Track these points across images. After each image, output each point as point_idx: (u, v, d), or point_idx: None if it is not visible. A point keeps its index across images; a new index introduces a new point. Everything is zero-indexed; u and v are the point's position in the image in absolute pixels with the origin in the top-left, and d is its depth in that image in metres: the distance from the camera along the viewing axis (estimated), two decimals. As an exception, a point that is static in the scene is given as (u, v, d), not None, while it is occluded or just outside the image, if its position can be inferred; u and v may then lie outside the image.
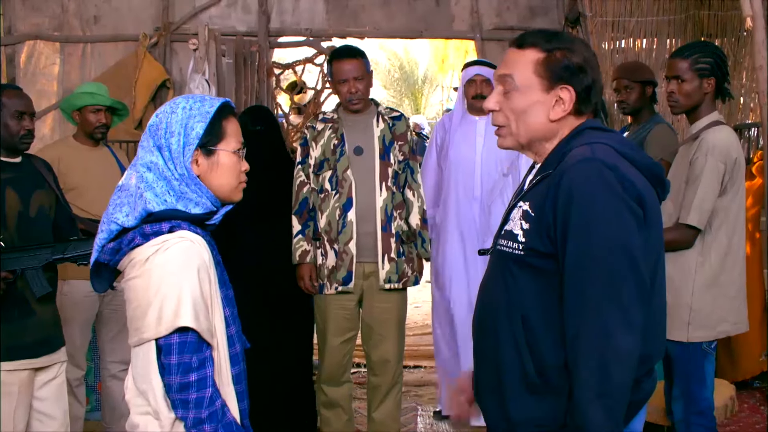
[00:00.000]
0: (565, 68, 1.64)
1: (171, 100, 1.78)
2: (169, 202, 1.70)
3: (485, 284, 1.76)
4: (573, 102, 1.65)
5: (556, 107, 1.65)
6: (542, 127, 1.67)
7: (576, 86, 1.64)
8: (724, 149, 2.76)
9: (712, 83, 2.85)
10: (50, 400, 2.85)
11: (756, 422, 4.11)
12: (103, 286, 1.82)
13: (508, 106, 1.68)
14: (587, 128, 1.66)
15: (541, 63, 1.64)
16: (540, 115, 1.66)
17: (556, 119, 1.66)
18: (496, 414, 1.69)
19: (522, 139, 1.69)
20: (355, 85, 3.43)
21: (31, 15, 5.53)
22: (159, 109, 1.77)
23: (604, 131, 1.67)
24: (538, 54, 1.65)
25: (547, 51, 1.65)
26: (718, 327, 2.82)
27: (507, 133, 1.71)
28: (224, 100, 1.79)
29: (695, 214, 2.75)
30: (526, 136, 1.68)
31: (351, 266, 3.41)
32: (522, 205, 1.65)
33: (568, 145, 1.64)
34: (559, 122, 1.66)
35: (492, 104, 1.70)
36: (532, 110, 1.66)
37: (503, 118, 1.70)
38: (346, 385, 3.60)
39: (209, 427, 1.63)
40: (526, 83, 1.65)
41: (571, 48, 1.65)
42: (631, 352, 1.51)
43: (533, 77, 1.65)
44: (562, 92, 1.64)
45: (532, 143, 1.70)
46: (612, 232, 1.52)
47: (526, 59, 1.66)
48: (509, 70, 1.68)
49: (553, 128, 1.67)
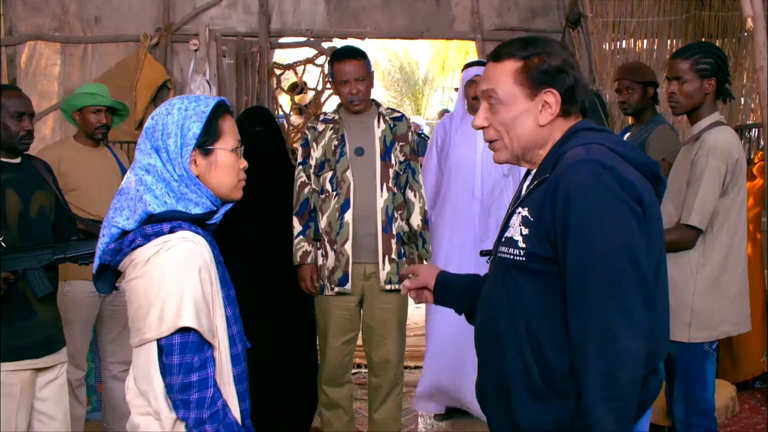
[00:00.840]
0: (545, 72, 1.64)
1: (166, 102, 1.78)
2: (169, 203, 1.70)
3: (487, 291, 1.76)
4: (559, 104, 1.66)
5: (544, 112, 1.66)
6: (533, 133, 1.68)
7: (559, 87, 1.65)
8: (725, 150, 2.75)
9: (713, 84, 2.85)
10: (51, 400, 2.86)
11: (756, 423, 4.11)
12: (106, 288, 1.82)
13: (497, 120, 1.69)
14: (580, 129, 1.67)
15: (520, 72, 1.65)
16: (529, 123, 1.67)
17: (546, 123, 1.66)
18: (500, 419, 1.69)
19: (516, 150, 1.70)
20: (356, 85, 3.43)
21: (32, 15, 5.53)
22: (155, 111, 1.76)
23: (598, 131, 1.67)
24: (515, 63, 1.66)
25: (524, 59, 1.66)
26: (720, 327, 2.82)
27: (501, 146, 1.72)
28: (219, 99, 1.79)
29: (696, 214, 2.74)
30: (519, 146, 1.69)
31: (347, 267, 3.41)
32: (521, 211, 1.65)
33: (562, 148, 1.64)
34: (549, 126, 1.67)
35: (480, 121, 1.72)
36: (520, 120, 1.67)
37: (494, 132, 1.71)
38: (346, 385, 3.59)
39: (211, 427, 1.63)
40: (509, 94, 1.66)
41: (547, 51, 1.66)
42: (638, 354, 1.51)
43: (515, 87, 1.66)
44: (547, 96, 1.65)
45: (526, 152, 1.70)
46: (612, 233, 1.52)
47: (505, 71, 1.67)
48: (490, 84, 1.69)
49: (544, 133, 1.67)
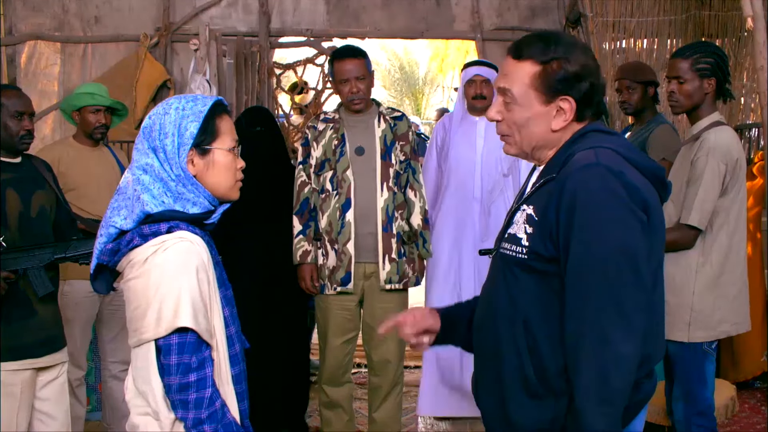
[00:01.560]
0: (562, 80, 1.63)
1: (163, 101, 1.77)
2: (167, 203, 1.70)
3: (487, 287, 1.76)
4: (573, 110, 1.65)
5: (558, 118, 1.66)
6: (545, 136, 1.68)
7: (575, 95, 1.64)
8: (725, 150, 2.75)
9: (713, 83, 2.85)
10: (52, 400, 2.86)
11: (756, 422, 4.10)
12: (104, 288, 1.82)
13: (510, 117, 1.69)
14: (590, 131, 1.66)
15: (537, 77, 1.64)
16: (541, 126, 1.67)
17: (559, 129, 1.66)
18: (495, 416, 1.70)
19: (526, 148, 1.71)
20: (356, 84, 3.42)
21: (32, 15, 5.52)
22: (152, 110, 1.76)
23: (608, 134, 1.67)
24: (534, 67, 1.64)
25: (544, 63, 1.64)
26: (719, 327, 2.82)
27: (512, 141, 1.72)
28: (217, 98, 1.79)
29: (696, 214, 2.74)
30: (530, 145, 1.70)
31: (350, 267, 3.41)
32: (526, 209, 1.65)
33: (571, 149, 1.64)
34: (562, 131, 1.67)
35: (494, 114, 1.72)
36: (533, 122, 1.67)
37: (506, 127, 1.71)
38: (347, 385, 3.59)
39: (209, 427, 1.63)
40: (525, 98, 1.66)
41: (568, 57, 1.64)
42: (631, 359, 1.51)
43: (531, 92, 1.65)
44: (563, 103, 1.65)
45: (535, 151, 1.71)
46: (615, 238, 1.52)
47: (523, 73, 1.65)
48: (507, 83, 1.68)
49: (556, 137, 1.68)
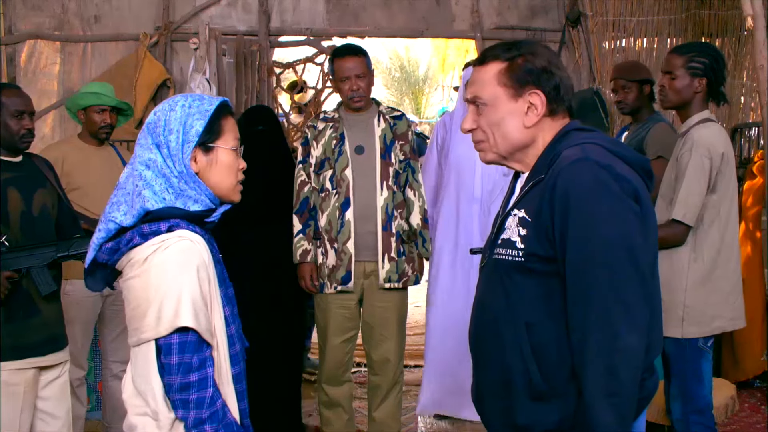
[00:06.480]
0: (529, 72, 1.65)
1: (169, 98, 1.79)
2: (168, 199, 1.70)
3: (481, 296, 1.75)
4: (544, 105, 1.66)
5: (530, 113, 1.67)
6: (519, 134, 1.68)
7: (544, 87, 1.65)
8: (708, 144, 2.76)
9: (703, 84, 2.86)
10: (54, 399, 2.85)
11: (756, 422, 4.11)
12: (98, 286, 1.81)
13: (483, 121, 1.70)
14: (572, 130, 1.67)
15: (503, 72, 1.66)
16: (515, 124, 1.68)
17: (532, 125, 1.67)
18: (499, 420, 1.70)
19: (502, 151, 1.71)
20: (356, 82, 3.42)
21: (32, 14, 5.52)
22: (157, 107, 1.77)
23: (590, 131, 1.68)
24: (499, 65, 1.67)
25: (508, 60, 1.67)
26: (713, 323, 2.82)
27: (487, 147, 1.73)
28: (222, 99, 1.80)
29: (681, 208, 2.75)
30: (505, 146, 1.70)
31: (350, 266, 3.41)
32: (517, 213, 1.65)
33: (556, 148, 1.64)
34: (535, 127, 1.68)
35: (468, 124, 1.73)
36: (506, 120, 1.68)
37: (481, 133, 1.72)
38: (346, 384, 3.60)
39: (210, 427, 1.63)
40: (494, 96, 1.67)
41: (532, 52, 1.67)
42: (637, 350, 1.52)
43: (498, 89, 1.67)
44: (532, 97, 1.66)
45: (513, 153, 1.71)
46: (611, 231, 1.53)
47: (490, 73, 1.68)
48: (476, 90, 1.71)
49: (530, 134, 1.68)
